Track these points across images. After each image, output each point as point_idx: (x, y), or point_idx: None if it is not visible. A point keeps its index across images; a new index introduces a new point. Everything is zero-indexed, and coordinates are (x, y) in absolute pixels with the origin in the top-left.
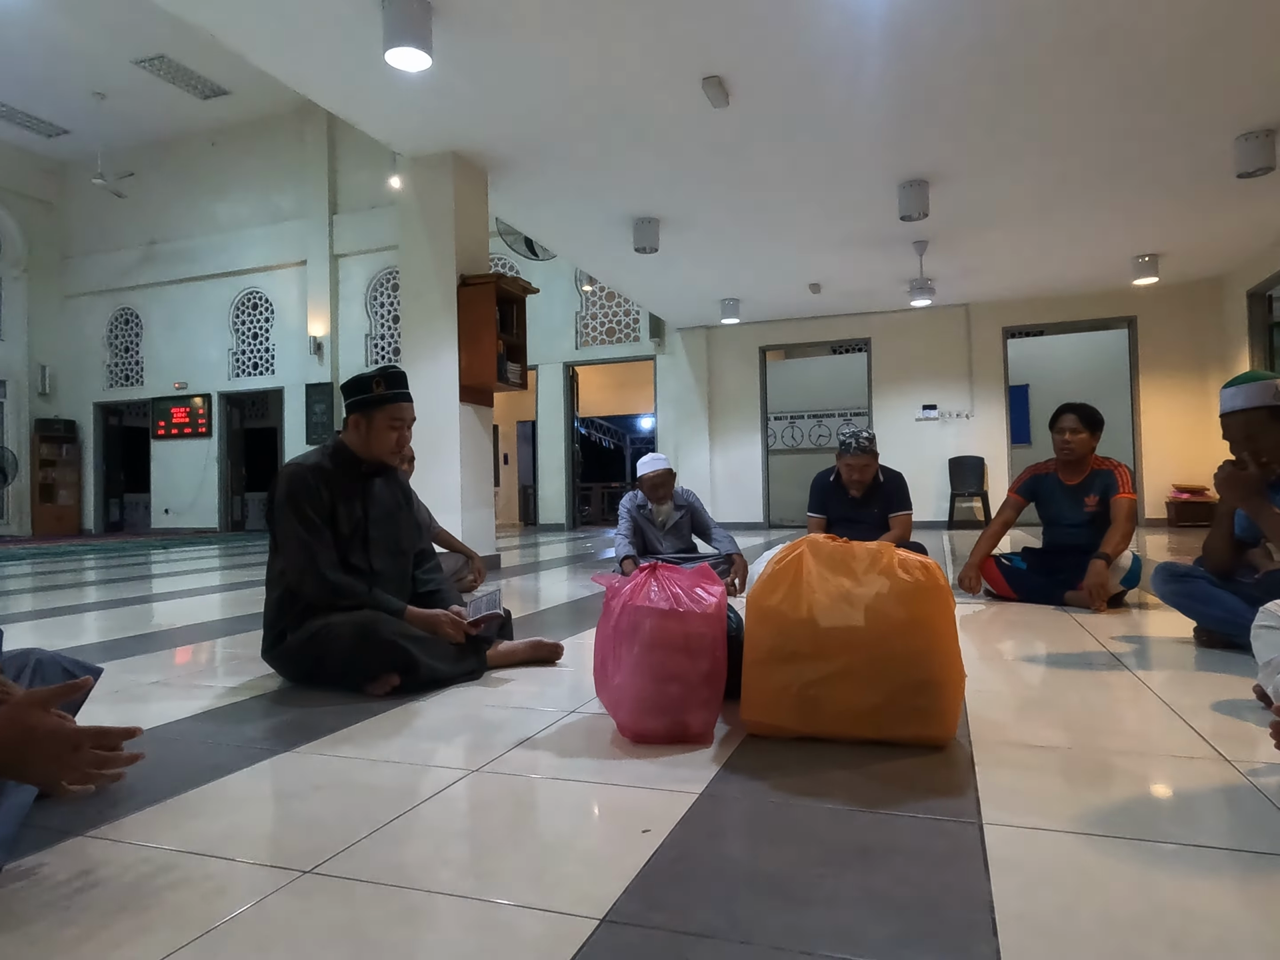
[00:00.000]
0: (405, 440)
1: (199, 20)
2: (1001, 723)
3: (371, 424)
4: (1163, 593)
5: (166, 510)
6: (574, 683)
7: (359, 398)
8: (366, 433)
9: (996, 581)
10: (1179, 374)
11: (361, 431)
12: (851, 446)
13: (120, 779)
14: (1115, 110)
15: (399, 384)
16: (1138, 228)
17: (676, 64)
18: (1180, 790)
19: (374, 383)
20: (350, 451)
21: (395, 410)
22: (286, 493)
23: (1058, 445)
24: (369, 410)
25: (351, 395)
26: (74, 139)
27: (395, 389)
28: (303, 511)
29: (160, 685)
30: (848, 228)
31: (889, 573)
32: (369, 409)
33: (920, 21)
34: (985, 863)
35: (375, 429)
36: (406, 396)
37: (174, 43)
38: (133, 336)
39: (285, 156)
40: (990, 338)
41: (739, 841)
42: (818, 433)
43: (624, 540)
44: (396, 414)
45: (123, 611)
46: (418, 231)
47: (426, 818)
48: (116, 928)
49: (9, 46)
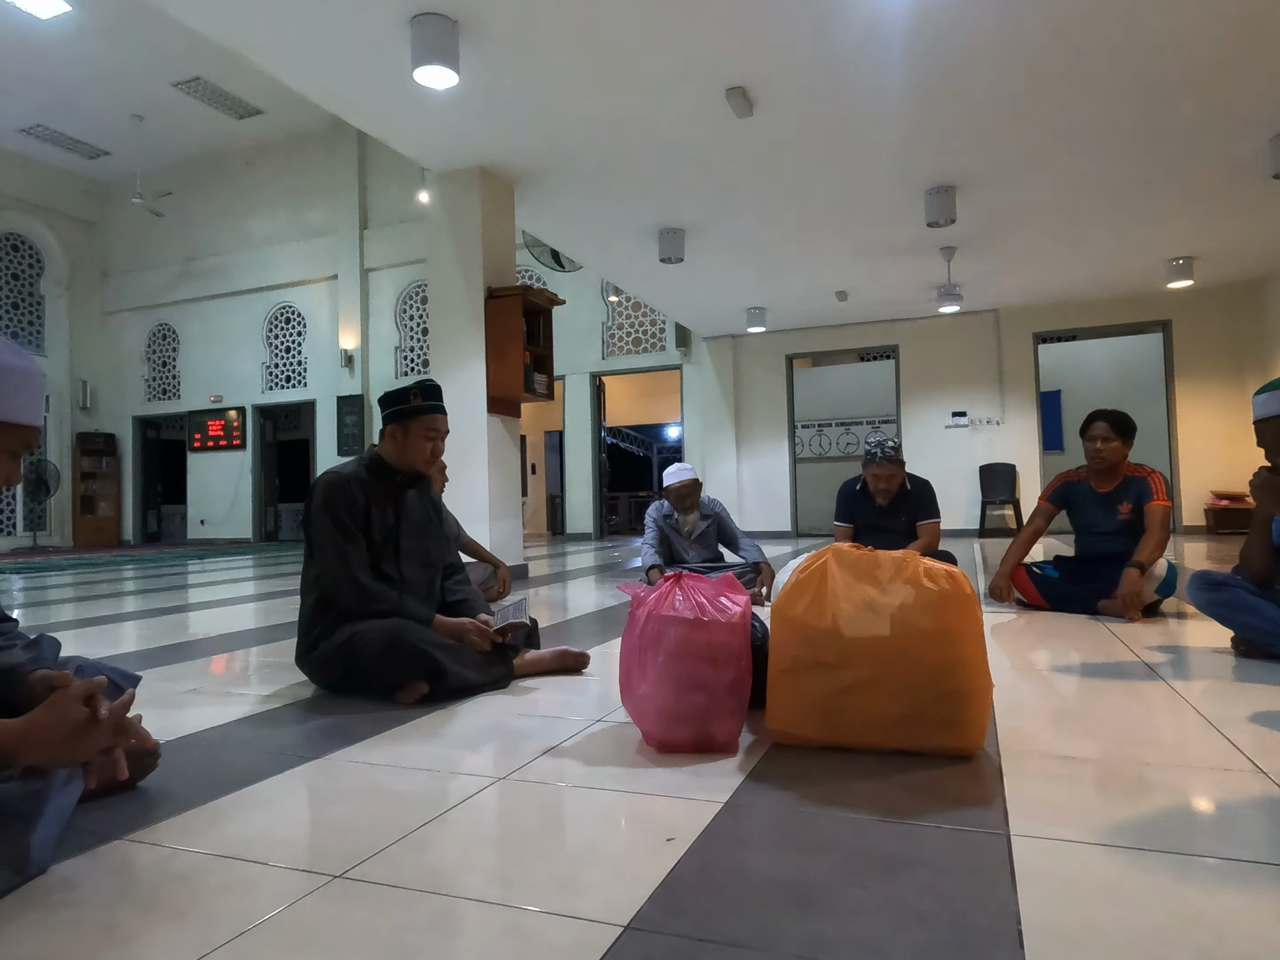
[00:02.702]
0: (439, 451)
1: (234, 43)
2: (1031, 733)
3: (408, 434)
4: (1199, 601)
5: (202, 521)
6: (600, 691)
7: (396, 408)
8: (403, 442)
9: (1028, 590)
10: (1216, 379)
11: (398, 441)
12: (877, 456)
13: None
14: (1146, 112)
15: (435, 396)
16: (1171, 230)
17: (700, 76)
18: (1215, 803)
19: (411, 394)
20: (385, 462)
21: (431, 421)
22: (323, 499)
23: (1089, 453)
24: (405, 421)
25: (389, 406)
26: (114, 160)
27: (431, 400)
28: (338, 517)
29: (196, 693)
30: (874, 235)
31: (914, 581)
32: (405, 419)
33: (945, 27)
34: (1012, 874)
35: (411, 439)
36: (442, 408)
37: (210, 65)
38: (170, 351)
39: (317, 173)
40: (1021, 343)
41: (763, 851)
42: (845, 440)
43: (650, 550)
44: (432, 424)
45: (160, 621)
46: (446, 245)
47: (454, 824)
48: (154, 929)
49: (53, 72)
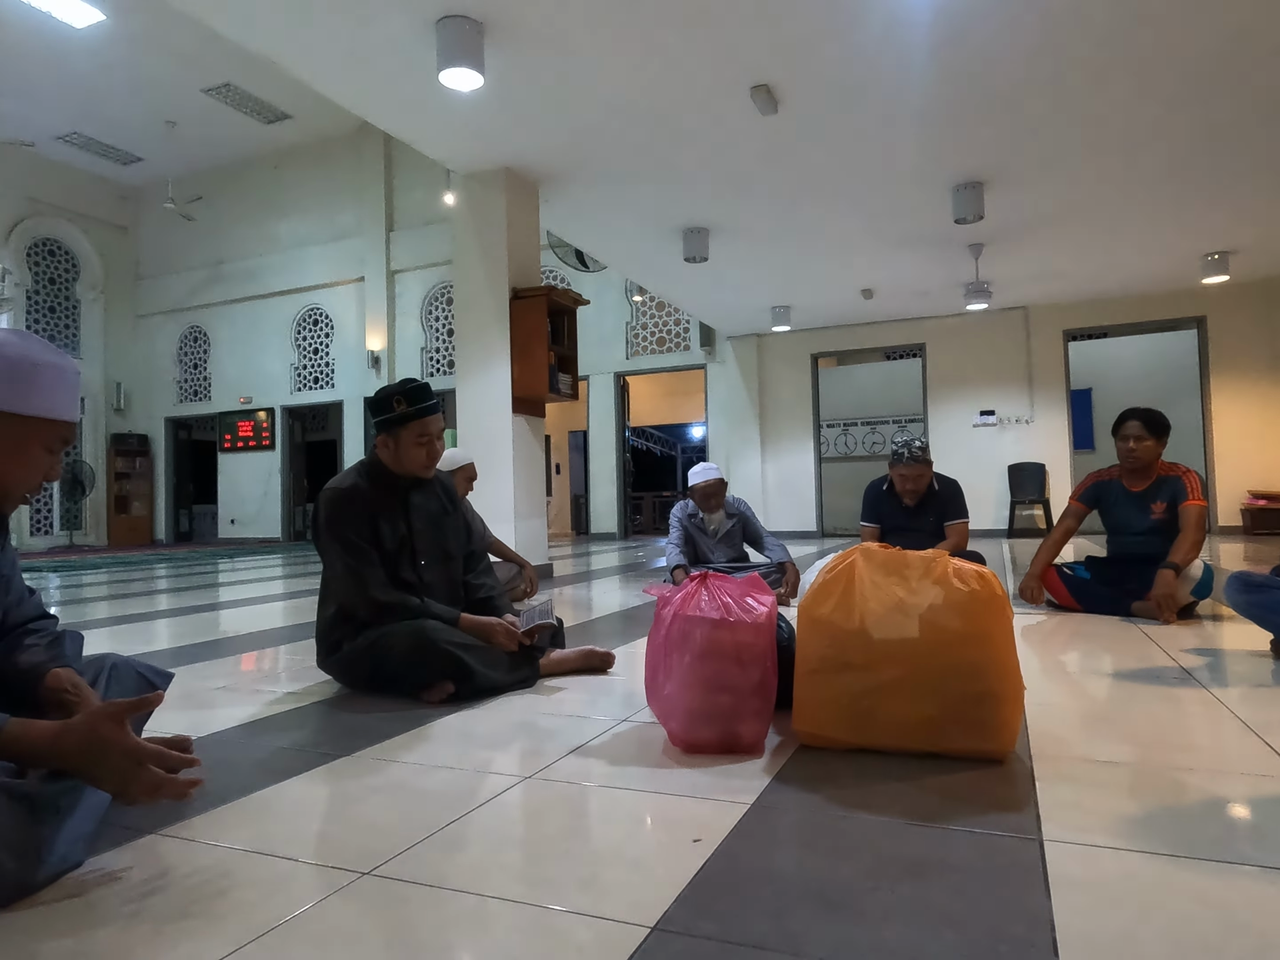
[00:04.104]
0: (436, 452)
1: (262, 49)
2: (1064, 737)
3: (399, 443)
4: (1237, 603)
5: (232, 521)
6: (625, 692)
7: (383, 418)
8: (395, 451)
9: (1059, 592)
10: (1253, 375)
11: (391, 450)
12: (904, 456)
13: (185, 798)
14: (1179, 104)
15: (420, 397)
16: (1205, 225)
17: (725, 74)
18: (1255, 809)
19: (394, 401)
20: (385, 467)
21: (420, 427)
22: (327, 519)
23: (1122, 453)
24: (394, 429)
25: (376, 415)
26: (146, 166)
27: (417, 404)
28: (346, 537)
29: (226, 690)
30: (900, 232)
31: (944, 582)
32: (393, 428)
33: (970, 20)
34: (1046, 880)
35: (403, 447)
36: (430, 409)
37: (239, 71)
38: (201, 354)
39: (344, 177)
40: (1051, 341)
41: (791, 853)
42: (871, 439)
43: (675, 549)
44: (422, 430)
45: (191, 619)
46: (471, 246)
47: (480, 823)
48: (185, 923)
49: (88, 81)
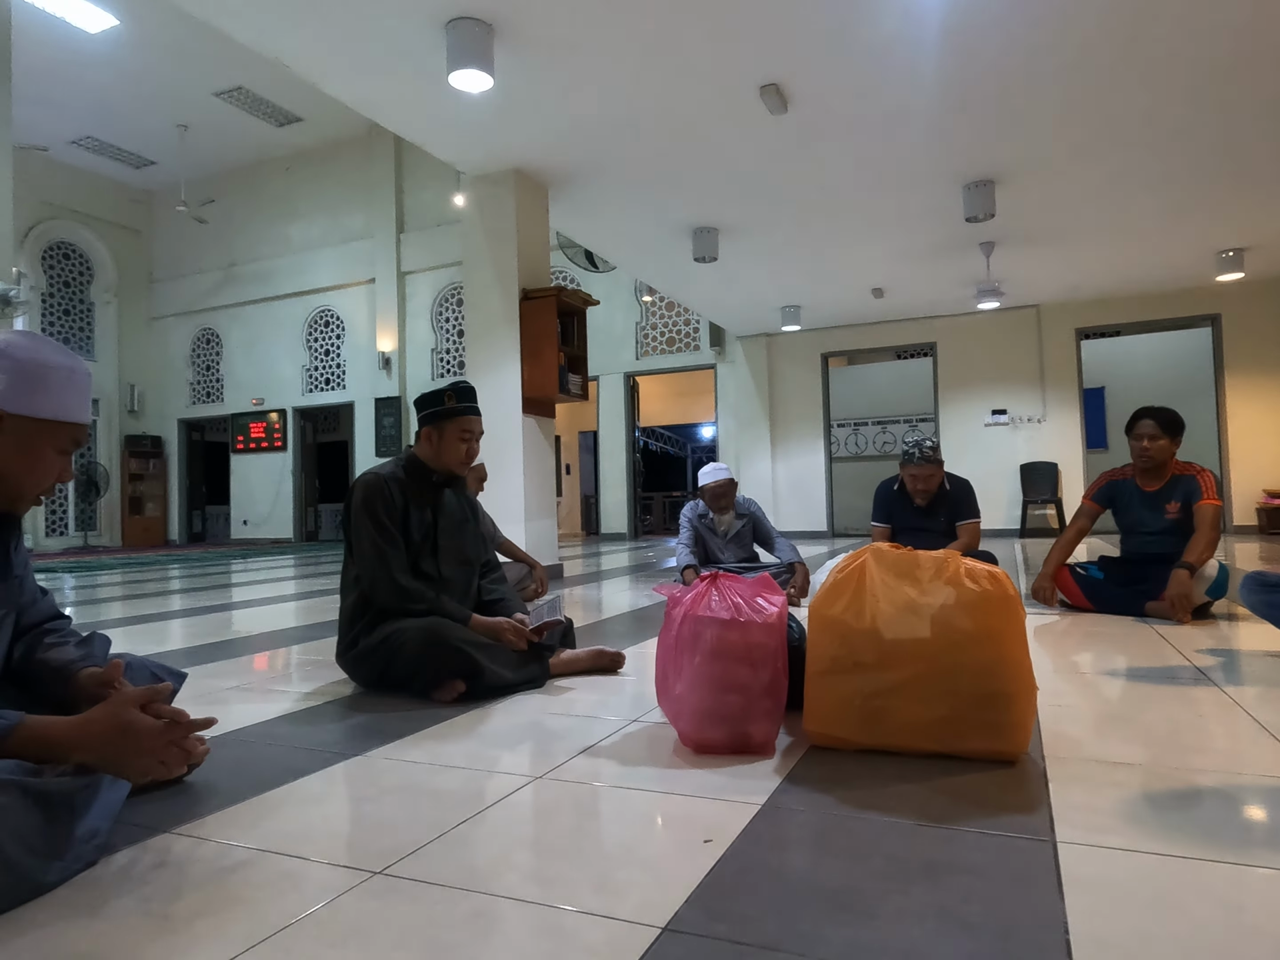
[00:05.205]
0: (474, 452)
1: (273, 52)
2: (1077, 738)
3: (443, 436)
4: (1252, 603)
5: (245, 521)
6: (636, 692)
7: (431, 410)
8: (438, 444)
9: (1072, 592)
10: (1268, 374)
11: (434, 443)
12: (915, 456)
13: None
14: (1193, 100)
15: (469, 398)
16: (1220, 222)
17: (734, 73)
18: (1271, 811)
19: (445, 396)
20: (421, 463)
21: (465, 423)
22: (363, 499)
23: (1136, 452)
24: (440, 422)
25: (424, 409)
26: (159, 169)
27: (465, 402)
28: (378, 517)
29: (239, 690)
30: (910, 231)
31: (955, 582)
32: (440, 421)
33: (982, 20)
34: (1059, 882)
35: (446, 440)
36: (476, 410)
37: (251, 74)
38: (213, 355)
39: (354, 178)
40: (1063, 339)
41: (802, 854)
42: (882, 439)
43: (685, 550)
44: (466, 426)
45: (204, 619)
46: (481, 247)
47: (492, 823)
48: (199, 921)
49: (101, 85)
